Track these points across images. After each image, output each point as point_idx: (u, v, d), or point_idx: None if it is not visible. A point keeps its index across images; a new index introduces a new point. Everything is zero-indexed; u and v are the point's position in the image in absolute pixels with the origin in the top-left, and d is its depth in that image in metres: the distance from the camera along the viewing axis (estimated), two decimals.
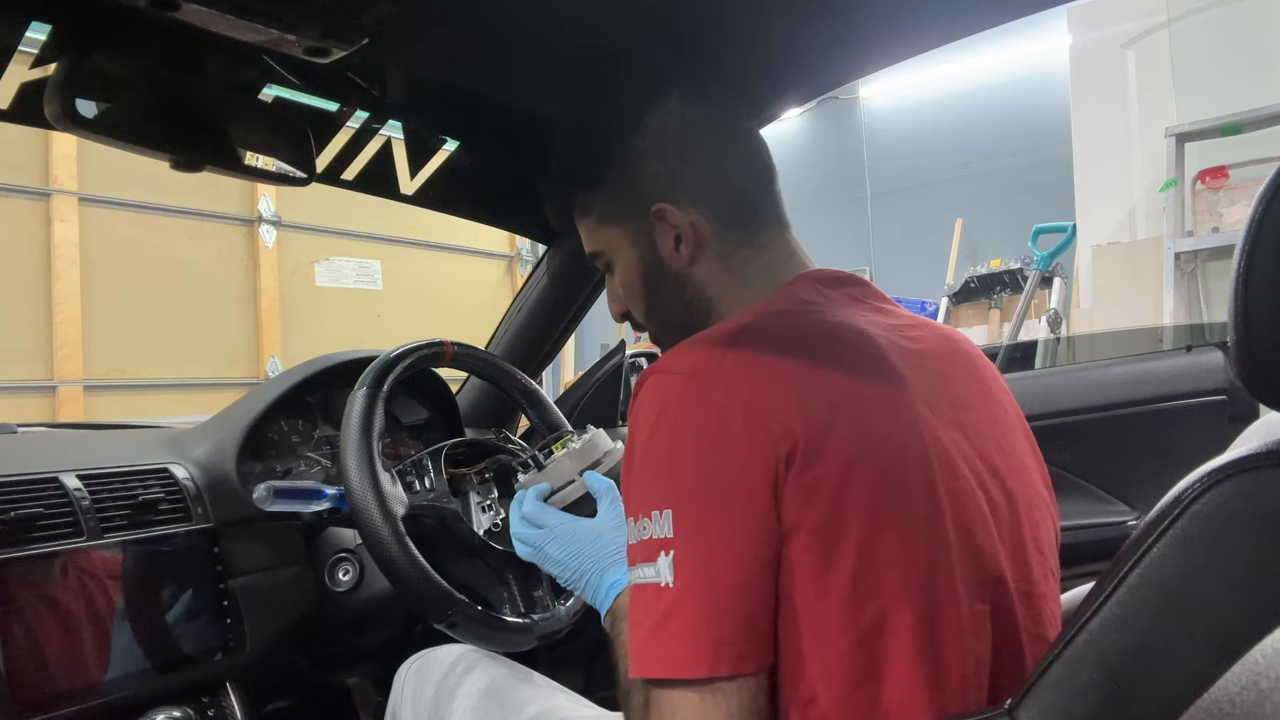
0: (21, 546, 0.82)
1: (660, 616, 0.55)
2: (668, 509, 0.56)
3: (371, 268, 4.53)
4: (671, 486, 0.57)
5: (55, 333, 3.40)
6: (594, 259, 0.83)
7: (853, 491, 0.56)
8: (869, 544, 0.56)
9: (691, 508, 0.55)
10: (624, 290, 0.81)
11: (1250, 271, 0.46)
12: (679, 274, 0.76)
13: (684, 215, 0.74)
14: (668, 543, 0.55)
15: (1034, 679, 0.48)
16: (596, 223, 0.80)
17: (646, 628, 0.55)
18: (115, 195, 3.56)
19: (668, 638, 0.54)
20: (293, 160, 0.93)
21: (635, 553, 0.58)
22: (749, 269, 0.75)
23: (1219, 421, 1.27)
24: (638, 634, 0.56)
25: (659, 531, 0.56)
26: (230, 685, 0.97)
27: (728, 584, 0.54)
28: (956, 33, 0.87)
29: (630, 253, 0.78)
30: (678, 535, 0.55)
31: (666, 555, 0.55)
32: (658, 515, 0.56)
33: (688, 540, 0.55)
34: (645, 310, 0.80)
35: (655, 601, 0.55)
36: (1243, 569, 0.44)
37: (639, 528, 0.58)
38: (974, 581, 0.60)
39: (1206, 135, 2.98)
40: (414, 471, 1.00)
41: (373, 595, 1.09)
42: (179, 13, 0.69)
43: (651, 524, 0.56)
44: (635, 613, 0.57)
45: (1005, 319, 3.95)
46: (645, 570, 0.56)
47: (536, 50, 0.89)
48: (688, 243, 0.74)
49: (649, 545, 0.56)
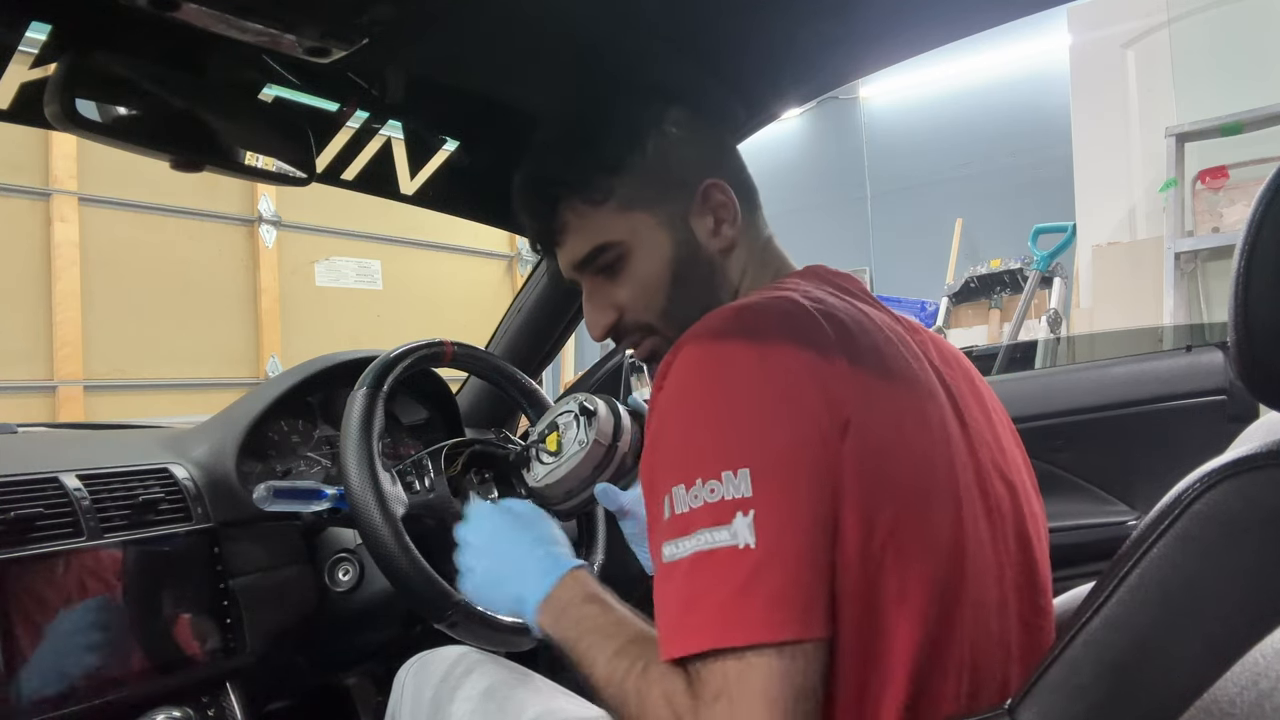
0: (21, 546, 0.82)
1: (744, 580, 0.51)
2: (743, 468, 0.52)
3: (371, 268, 4.53)
4: (742, 445, 0.54)
5: (55, 333, 3.40)
6: (599, 254, 0.75)
7: (890, 470, 0.56)
8: (897, 524, 0.55)
9: (770, 466, 0.53)
10: (642, 285, 0.75)
11: (1250, 271, 0.46)
12: (712, 260, 0.74)
13: (728, 194, 0.74)
14: (745, 503, 0.52)
15: (1034, 679, 0.48)
16: (616, 210, 0.74)
17: (723, 594, 0.51)
18: (115, 195, 3.56)
19: (758, 602, 0.50)
20: (293, 160, 0.93)
21: (693, 519, 0.53)
22: (765, 258, 0.76)
23: (1219, 421, 1.27)
24: (708, 602, 0.52)
25: (731, 492, 0.52)
26: (230, 685, 0.97)
27: (809, 545, 0.52)
28: (956, 33, 0.87)
29: (660, 237, 0.74)
30: (757, 494, 0.52)
31: (745, 515, 0.52)
32: (730, 476, 0.53)
33: (769, 499, 0.52)
34: (665, 304, 0.75)
35: (733, 565, 0.51)
36: (1243, 569, 0.44)
37: (694, 493, 0.54)
38: (983, 575, 0.60)
39: (1206, 135, 2.98)
40: (414, 471, 1.00)
41: (373, 595, 1.09)
42: (179, 13, 0.69)
43: (722, 485, 0.53)
44: (698, 584, 0.53)
45: (1005, 319, 3.95)
46: (715, 535, 0.52)
47: (536, 49, 0.89)
48: (731, 223, 0.74)
49: (718, 508, 0.52)
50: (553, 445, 0.92)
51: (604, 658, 0.61)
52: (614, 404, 0.94)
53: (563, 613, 0.68)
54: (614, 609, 0.67)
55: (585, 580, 0.71)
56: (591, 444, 0.90)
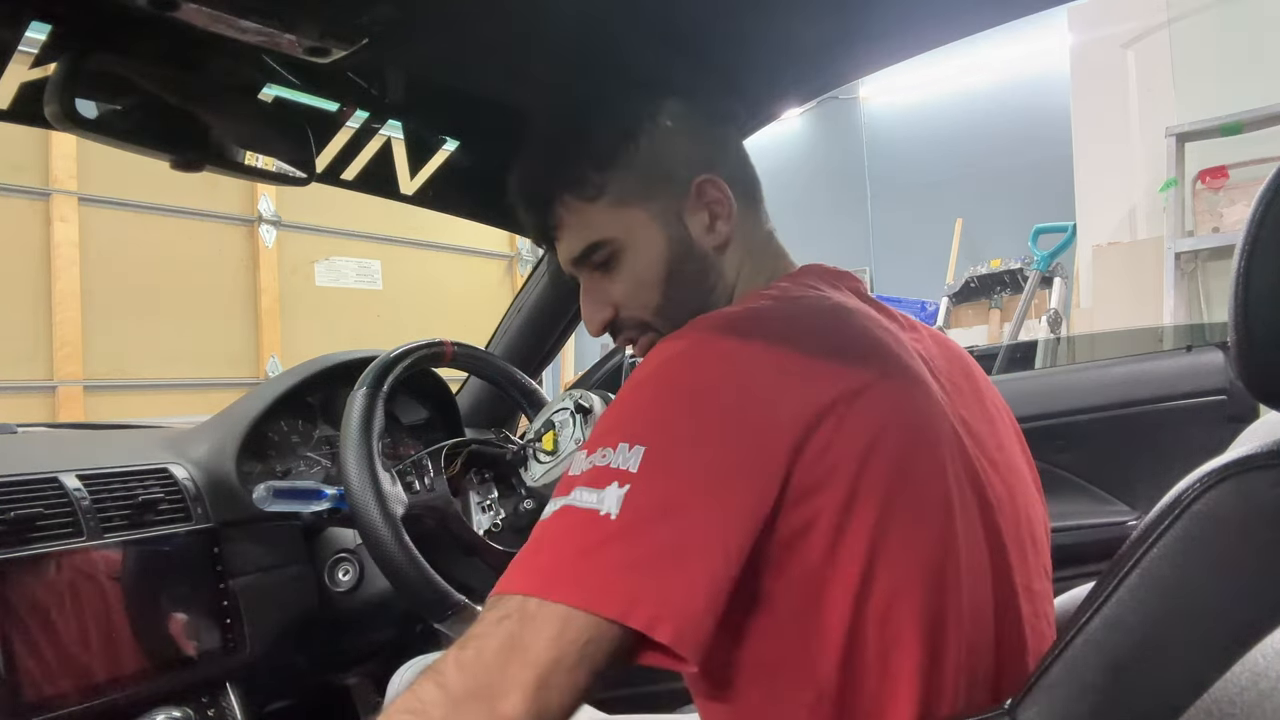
0: (21, 546, 0.82)
1: (588, 545, 0.50)
2: (640, 445, 0.52)
3: (371, 268, 4.52)
4: (653, 424, 0.53)
5: (55, 333, 3.40)
6: (593, 251, 0.75)
7: (869, 480, 0.55)
8: (881, 533, 0.55)
9: (672, 453, 0.52)
10: (636, 281, 0.74)
11: (1250, 271, 0.46)
12: (708, 255, 0.73)
13: (722, 190, 0.73)
14: (625, 475, 0.51)
15: (1034, 679, 0.48)
16: (610, 207, 0.73)
17: (561, 552, 0.51)
18: (115, 195, 3.56)
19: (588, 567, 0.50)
20: (293, 160, 0.93)
21: (576, 480, 0.53)
22: (762, 255, 0.76)
23: (1219, 421, 1.27)
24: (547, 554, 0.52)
25: (618, 463, 0.52)
26: (230, 685, 0.97)
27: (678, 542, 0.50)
28: (956, 33, 0.87)
29: (653, 234, 0.73)
30: (642, 473, 0.51)
31: (620, 488, 0.51)
32: (625, 449, 0.52)
33: (651, 483, 0.51)
34: (659, 303, 0.74)
35: (587, 528, 0.51)
36: (1243, 569, 0.44)
37: (590, 459, 0.54)
38: (979, 575, 0.60)
39: (1206, 135, 2.98)
40: (414, 471, 1.00)
41: (373, 595, 1.09)
42: (179, 13, 0.69)
43: (614, 454, 0.52)
44: (553, 533, 0.53)
45: (1005, 319, 3.95)
46: (584, 495, 0.52)
47: (537, 50, 0.89)
48: (726, 219, 0.73)
49: (600, 473, 0.52)
50: (549, 444, 0.92)
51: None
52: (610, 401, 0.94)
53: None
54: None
55: None
56: None
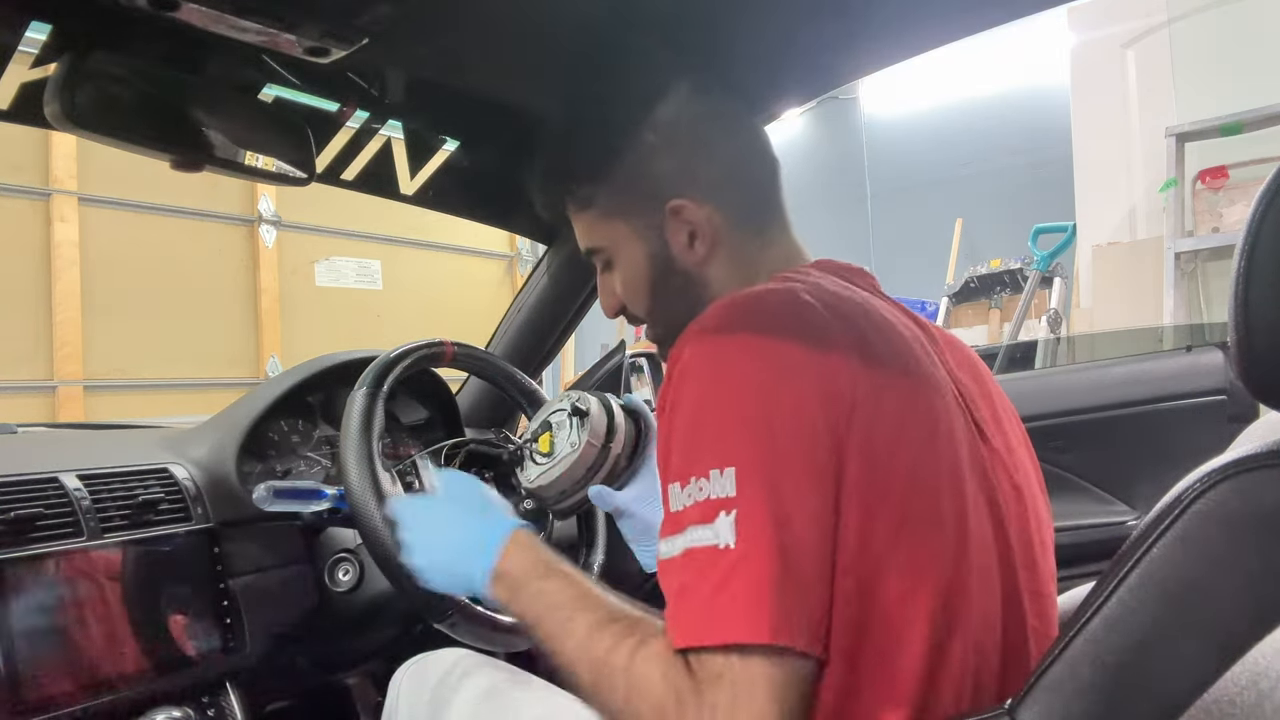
0: (21, 546, 0.82)
1: (719, 580, 0.51)
2: (729, 467, 0.53)
3: (371, 268, 4.53)
4: (732, 444, 0.54)
5: (55, 333, 3.40)
6: (591, 255, 0.80)
7: (897, 467, 0.56)
8: (895, 529, 0.55)
9: (756, 466, 0.53)
10: (626, 287, 0.79)
11: (1250, 271, 0.46)
12: (689, 271, 0.75)
13: (700, 210, 0.73)
14: (728, 502, 0.52)
15: (1034, 679, 0.48)
16: (598, 218, 0.78)
17: (702, 594, 0.52)
18: (115, 195, 3.56)
19: (735, 603, 0.51)
20: (293, 160, 0.93)
21: (685, 517, 0.54)
22: (759, 264, 0.75)
23: (1219, 421, 1.27)
24: (691, 602, 0.53)
25: (717, 491, 0.53)
26: (230, 685, 0.97)
27: (793, 546, 0.52)
28: (956, 33, 0.87)
29: (636, 249, 0.76)
30: (740, 494, 0.52)
31: (727, 515, 0.52)
32: (716, 475, 0.53)
33: (750, 500, 0.52)
34: (648, 308, 0.78)
35: (712, 565, 0.52)
36: (1243, 569, 0.44)
37: (688, 491, 0.54)
38: (987, 575, 0.60)
39: (1206, 135, 2.98)
40: (414, 471, 1.00)
41: (373, 595, 1.09)
42: (179, 13, 0.69)
43: (709, 484, 0.53)
44: (686, 579, 0.53)
45: (1005, 319, 3.95)
46: (700, 533, 0.53)
47: (537, 50, 0.89)
48: (703, 239, 0.73)
49: (704, 506, 0.53)
50: (545, 446, 0.92)
51: (579, 633, 0.61)
52: (608, 403, 0.94)
53: (521, 586, 0.68)
54: (578, 581, 0.66)
55: (535, 547, 0.71)
56: (584, 445, 0.89)
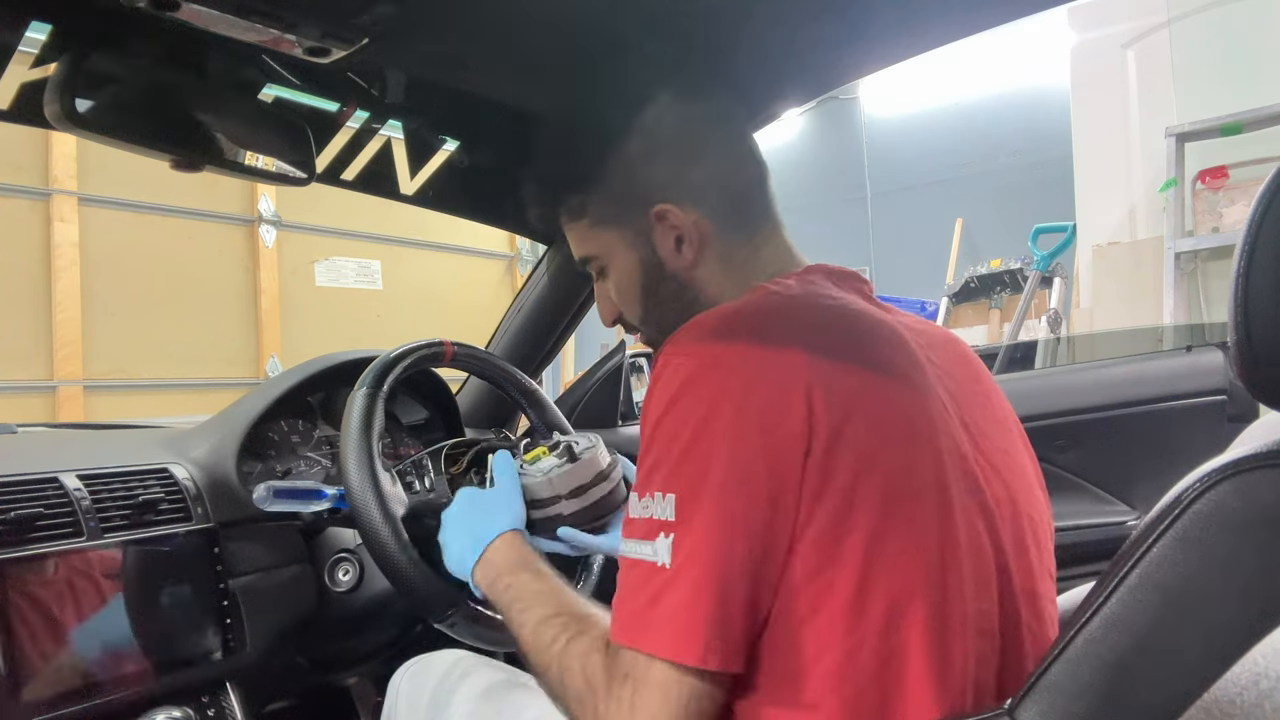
0: (21, 546, 0.82)
1: (653, 594, 0.56)
2: (670, 493, 0.56)
3: (371, 268, 4.52)
4: (676, 471, 0.57)
5: (55, 333, 3.39)
6: (586, 264, 0.81)
7: (865, 488, 0.56)
8: (877, 541, 0.55)
9: (695, 497, 0.56)
10: (620, 295, 0.79)
11: (1250, 271, 0.46)
12: (680, 276, 0.75)
13: (686, 215, 0.73)
14: (668, 525, 0.56)
15: (1034, 679, 0.48)
16: (590, 227, 0.78)
17: (639, 602, 0.57)
18: (115, 195, 3.56)
19: (661, 618, 0.55)
20: (293, 160, 0.93)
21: (635, 528, 0.59)
22: (749, 267, 0.75)
23: (1219, 421, 1.27)
24: (628, 606, 0.58)
25: (659, 513, 0.57)
26: (230, 685, 0.97)
27: (723, 576, 0.55)
28: (957, 33, 0.87)
29: (628, 256, 0.77)
30: (679, 520, 0.56)
31: (666, 537, 0.56)
32: (660, 497, 0.57)
33: (689, 527, 0.55)
34: (643, 314, 0.79)
35: (649, 579, 0.56)
36: (1243, 569, 0.44)
37: (643, 504, 0.59)
38: (981, 579, 0.60)
39: (1206, 135, 2.98)
40: (414, 471, 1.00)
41: (373, 595, 1.09)
42: (179, 13, 0.69)
43: (654, 504, 0.57)
44: (627, 582, 0.58)
45: (1005, 319, 3.95)
46: (643, 548, 0.57)
47: (536, 50, 0.89)
48: (690, 244, 0.74)
49: (649, 524, 0.57)
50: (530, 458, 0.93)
51: (530, 624, 0.69)
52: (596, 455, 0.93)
53: (497, 577, 0.76)
54: (546, 578, 0.74)
55: (518, 545, 0.79)
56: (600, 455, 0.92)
